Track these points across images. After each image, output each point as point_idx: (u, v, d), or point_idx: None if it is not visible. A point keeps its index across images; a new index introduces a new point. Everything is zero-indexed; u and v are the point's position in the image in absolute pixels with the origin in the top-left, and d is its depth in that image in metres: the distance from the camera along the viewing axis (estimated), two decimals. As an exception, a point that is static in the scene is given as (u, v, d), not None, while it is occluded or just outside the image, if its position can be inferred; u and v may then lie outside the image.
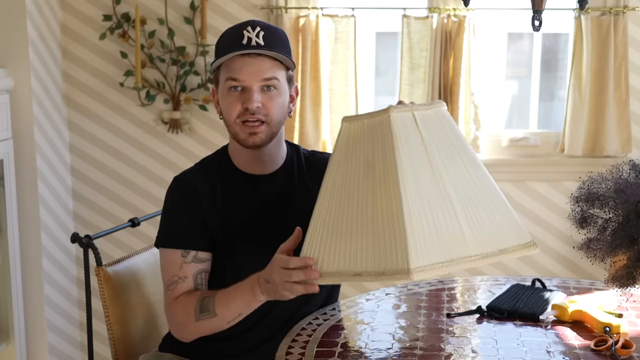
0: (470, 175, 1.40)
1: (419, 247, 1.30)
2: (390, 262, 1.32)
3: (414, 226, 1.31)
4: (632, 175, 1.58)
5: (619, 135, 3.06)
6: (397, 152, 1.35)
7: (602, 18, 3.00)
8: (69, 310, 3.20)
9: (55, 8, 3.09)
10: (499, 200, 1.41)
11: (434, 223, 1.33)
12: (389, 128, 1.37)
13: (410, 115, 1.39)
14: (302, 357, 1.48)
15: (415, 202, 1.33)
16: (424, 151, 1.37)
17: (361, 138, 1.42)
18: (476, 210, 1.38)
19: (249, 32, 1.65)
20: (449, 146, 1.40)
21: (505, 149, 3.20)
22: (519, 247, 1.41)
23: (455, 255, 1.34)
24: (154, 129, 3.18)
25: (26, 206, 2.93)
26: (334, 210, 1.42)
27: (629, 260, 1.53)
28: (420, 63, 3.08)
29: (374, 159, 1.38)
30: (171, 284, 1.68)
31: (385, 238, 1.33)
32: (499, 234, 1.39)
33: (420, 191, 1.34)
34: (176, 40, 3.09)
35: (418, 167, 1.35)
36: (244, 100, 1.65)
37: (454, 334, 1.60)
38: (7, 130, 2.82)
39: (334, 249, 1.41)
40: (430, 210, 1.34)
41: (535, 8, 1.74)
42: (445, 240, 1.34)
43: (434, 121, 1.41)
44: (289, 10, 3.05)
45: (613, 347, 1.47)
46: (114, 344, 1.88)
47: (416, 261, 1.29)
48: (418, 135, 1.38)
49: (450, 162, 1.39)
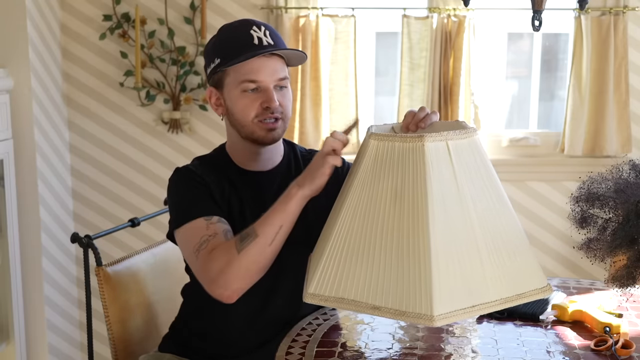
0: (498, 214, 1.37)
1: (443, 293, 1.28)
2: (413, 304, 1.29)
3: (440, 269, 1.28)
4: (632, 175, 1.58)
5: (619, 135, 3.06)
6: (428, 184, 1.30)
7: (602, 18, 3.00)
8: (69, 310, 3.20)
9: (55, 8, 3.09)
10: (522, 242, 1.40)
11: (459, 266, 1.31)
12: (422, 158, 1.31)
13: (444, 145, 1.33)
14: (302, 357, 1.48)
15: (443, 242, 1.29)
16: (455, 186, 1.33)
17: (391, 161, 1.35)
18: (500, 252, 1.35)
19: (256, 31, 1.65)
20: (479, 180, 1.36)
21: (505, 149, 3.21)
22: (535, 292, 1.40)
23: (477, 301, 1.32)
24: (154, 129, 3.18)
25: (26, 206, 2.93)
26: (355, 233, 1.37)
27: (629, 260, 1.53)
28: (420, 63, 3.08)
29: (403, 188, 1.33)
30: (202, 245, 1.57)
31: (410, 276, 1.30)
32: (518, 278, 1.37)
33: (449, 229, 1.31)
34: (176, 40, 3.09)
35: (448, 203, 1.32)
36: (263, 99, 1.65)
37: (454, 334, 1.60)
38: (7, 130, 2.82)
39: (352, 274, 1.36)
40: (456, 251, 1.31)
41: (535, 8, 1.74)
42: (469, 286, 1.32)
43: (467, 152, 1.36)
44: (289, 10, 3.05)
45: (613, 347, 1.47)
46: (114, 344, 1.88)
47: (440, 308, 1.27)
48: (450, 168, 1.33)
49: (480, 198, 1.36)
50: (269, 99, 1.65)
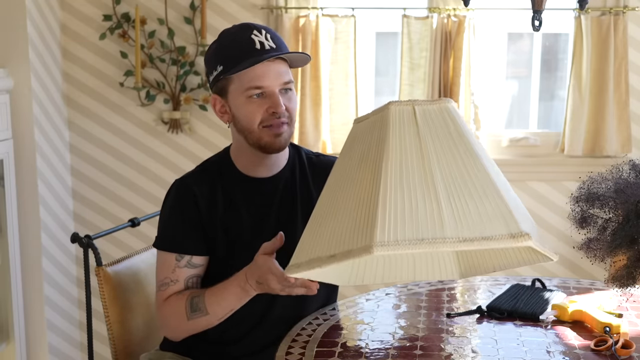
0: (465, 167, 1.35)
1: (386, 224, 1.26)
2: (359, 240, 1.28)
3: (387, 205, 1.28)
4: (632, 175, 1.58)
5: (619, 135, 3.06)
6: (387, 142, 1.34)
7: (602, 18, 3.00)
8: (69, 310, 3.20)
9: (55, 8, 3.09)
10: (494, 191, 1.33)
11: (410, 205, 1.29)
12: (386, 121, 1.37)
13: (410, 108, 1.38)
14: (302, 357, 1.48)
15: (394, 186, 1.30)
16: (417, 140, 1.36)
17: (363, 134, 1.43)
18: (463, 198, 1.31)
19: (257, 35, 1.64)
20: (446, 139, 1.37)
21: (505, 149, 3.21)
22: (504, 237, 1.27)
23: (427, 235, 1.27)
24: (154, 129, 3.18)
25: (26, 206, 2.93)
26: (324, 203, 1.42)
27: (629, 260, 1.53)
28: (420, 63, 3.08)
29: (368, 150, 1.38)
30: (162, 285, 1.71)
31: (361, 217, 1.31)
32: (484, 221, 1.29)
33: (403, 177, 1.32)
34: (176, 40, 3.09)
35: (406, 155, 1.34)
36: (269, 105, 1.64)
37: (454, 334, 1.60)
38: (7, 130, 2.82)
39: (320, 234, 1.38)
40: (408, 191, 1.30)
41: (535, 8, 1.74)
42: (419, 220, 1.28)
43: (435, 115, 1.39)
44: (289, 10, 3.05)
45: (613, 347, 1.47)
46: (114, 344, 1.88)
47: (380, 236, 1.25)
48: (414, 126, 1.37)
49: (445, 153, 1.35)
50: (275, 104, 1.64)
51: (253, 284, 1.57)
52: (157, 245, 1.75)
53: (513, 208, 1.32)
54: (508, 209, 1.31)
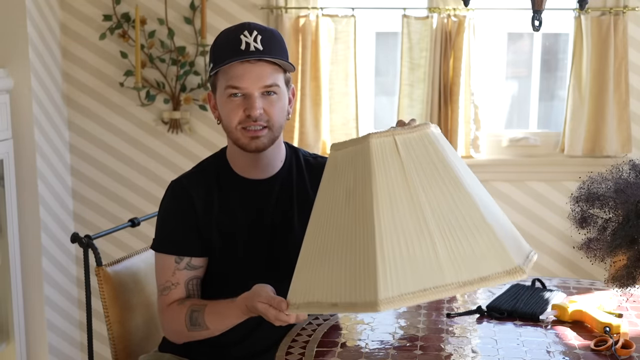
0: (452, 198, 1.33)
1: (388, 278, 1.26)
2: (362, 293, 1.29)
3: (385, 255, 1.27)
4: (632, 175, 1.58)
5: (619, 135, 3.06)
6: (373, 180, 1.32)
7: (602, 18, 3.00)
8: (69, 310, 3.20)
9: (55, 8, 3.09)
10: (482, 225, 1.32)
11: (407, 251, 1.28)
12: (368, 155, 1.34)
13: (390, 140, 1.36)
14: (302, 357, 1.48)
15: (389, 230, 1.29)
16: (402, 176, 1.33)
17: (345, 165, 1.40)
18: (457, 238, 1.30)
19: (247, 36, 1.63)
20: (430, 169, 1.35)
21: (505, 149, 3.20)
22: (501, 274, 1.29)
23: (429, 284, 1.27)
24: (154, 129, 3.18)
25: (26, 206, 2.93)
26: (318, 240, 1.40)
27: (629, 260, 1.53)
28: (420, 63, 3.08)
29: (355, 187, 1.36)
30: (164, 289, 1.71)
31: (359, 267, 1.30)
32: (480, 260, 1.29)
33: (395, 218, 1.30)
34: (176, 40, 3.09)
35: (395, 193, 1.32)
36: (246, 107, 1.64)
37: (454, 334, 1.60)
38: (7, 130, 2.82)
39: (316, 275, 1.39)
40: (404, 237, 1.29)
41: (535, 8, 1.74)
42: (419, 269, 1.28)
43: (417, 144, 1.36)
44: (289, 10, 3.05)
45: (613, 347, 1.47)
46: (114, 344, 1.88)
47: (384, 292, 1.25)
48: (397, 160, 1.34)
49: (431, 185, 1.34)
50: (251, 107, 1.63)
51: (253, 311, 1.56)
52: (155, 248, 1.74)
53: (503, 239, 1.32)
54: (500, 243, 1.31)
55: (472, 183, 1.39)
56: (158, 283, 1.73)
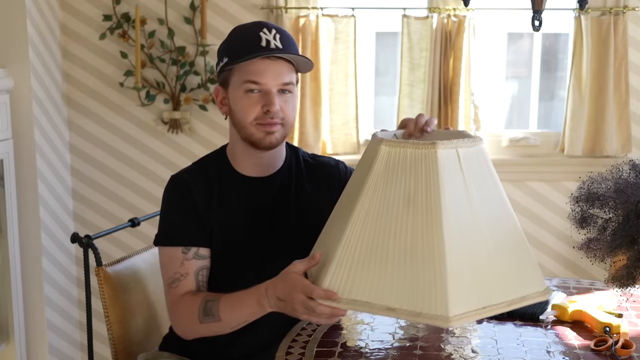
0: (503, 217, 1.41)
1: (458, 294, 1.30)
2: (429, 305, 1.31)
3: (454, 270, 1.30)
4: (632, 175, 1.58)
5: (619, 135, 3.06)
6: (441, 191, 1.33)
7: (602, 18, 3.00)
8: (69, 310, 3.20)
9: (55, 8, 3.09)
10: (524, 245, 1.43)
11: (471, 269, 1.33)
12: (435, 164, 1.34)
13: (454, 152, 1.37)
14: (302, 357, 1.48)
15: (456, 245, 1.32)
16: (465, 191, 1.36)
17: (403, 167, 1.38)
18: (506, 255, 1.39)
19: (266, 33, 1.64)
20: (486, 186, 1.40)
21: (505, 149, 3.21)
22: (536, 295, 1.42)
23: (488, 302, 1.34)
24: (154, 129, 3.18)
25: (26, 206, 2.93)
26: (367, 237, 1.38)
27: (629, 260, 1.53)
28: (420, 63, 3.08)
29: (416, 193, 1.35)
30: (173, 282, 1.68)
31: (425, 278, 1.31)
32: (522, 280, 1.41)
33: (460, 233, 1.33)
34: (176, 40, 3.09)
35: (460, 208, 1.35)
36: (264, 103, 1.64)
37: (454, 334, 1.60)
38: (7, 130, 2.82)
39: (365, 277, 1.37)
40: (468, 253, 1.33)
41: (535, 8, 1.74)
42: (480, 288, 1.34)
43: (475, 159, 1.40)
44: (289, 10, 3.05)
45: (613, 347, 1.47)
46: (114, 344, 1.88)
47: (455, 309, 1.29)
48: (460, 175, 1.37)
49: (487, 203, 1.39)
50: (270, 103, 1.64)
51: (272, 300, 1.51)
52: (160, 242, 1.72)
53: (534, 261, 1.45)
54: (536, 265, 1.44)
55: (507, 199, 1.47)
56: (165, 277, 1.69)
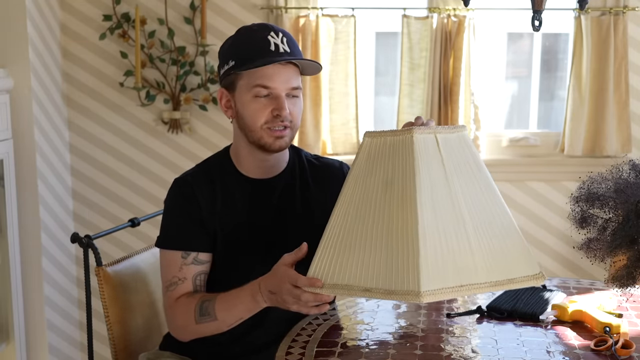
0: (486, 201, 1.41)
1: (430, 271, 1.31)
2: (402, 282, 1.32)
3: (428, 249, 1.32)
4: (632, 175, 1.58)
5: (619, 135, 3.06)
6: (417, 172, 1.35)
7: (602, 18, 3.00)
8: (69, 310, 3.20)
9: (55, 8, 3.09)
10: (512, 228, 1.42)
11: (447, 247, 1.34)
12: (411, 148, 1.37)
13: (432, 137, 1.40)
14: (302, 357, 1.48)
15: (431, 224, 1.33)
16: (443, 173, 1.38)
17: (382, 155, 1.42)
18: (489, 236, 1.39)
19: (274, 37, 1.64)
20: (467, 170, 1.41)
21: (505, 149, 3.21)
22: (527, 278, 1.41)
23: (465, 281, 1.34)
24: (154, 129, 3.18)
25: (26, 206, 2.93)
26: (348, 224, 1.42)
27: (629, 260, 1.53)
28: (420, 63, 3.08)
29: (393, 177, 1.38)
30: (171, 285, 1.69)
31: (399, 257, 1.34)
32: (509, 262, 1.40)
33: (437, 213, 1.35)
34: (176, 40, 3.09)
35: (436, 189, 1.36)
36: (275, 107, 1.65)
37: (454, 334, 1.60)
38: (7, 130, 2.82)
39: (346, 261, 1.41)
40: (444, 233, 1.35)
41: (535, 8, 1.74)
42: (457, 266, 1.34)
43: (456, 145, 1.42)
44: (289, 10, 3.05)
45: (613, 347, 1.47)
46: (114, 344, 1.88)
47: (427, 284, 1.30)
48: (439, 158, 1.39)
49: (468, 186, 1.40)
50: (280, 107, 1.64)
51: (265, 295, 1.54)
52: (161, 245, 1.73)
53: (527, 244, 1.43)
54: (527, 247, 1.43)
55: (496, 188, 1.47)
56: (164, 279, 1.72)
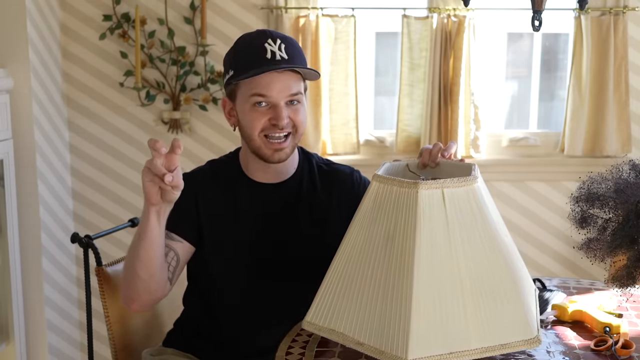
0: (489, 263, 1.36)
1: (420, 338, 1.29)
2: (391, 345, 1.31)
3: (420, 313, 1.29)
4: (632, 175, 1.58)
5: (619, 135, 3.06)
6: (417, 231, 1.32)
7: (602, 18, 3.00)
8: (69, 310, 3.20)
9: (55, 8, 3.09)
10: (513, 291, 1.38)
11: (440, 313, 1.31)
12: (415, 204, 1.33)
13: (439, 192, 1.35)
14: (302, 357, 1.48)
15: (426, 289, 1.31)
16: (446, 233, 1.34)
17: (388, 204, 1.38)
18: (487, 301, 1.35)
19: (271, 45, 1.62)
20: (472, 229, 1.36)
21: (505, 149, 3.21)
22: (521, 343, 1.37)
23: (456, 348, 1.32)
24: (154, 129, 3.18)
25: (26, 206, 2.93)
26: (349, 271, 1.40)
27: (629, 260, 1.53)
28: (420, 63, 3.08)
29: (395, 231, 1.35)
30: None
31: (391, 318, 1.32)
32: (504, 328, 1.36)
33: (433, 276, 1.32)
34: (176, 40, 3.09)
35: (436, 250, 1.33)
36: (272, 116, 1.63)
37: (454, 334, 1.60)
38: (7, 130, 2.82)
39: (344, 306, 1.40)
40: (439, 298, 1.31)
41: (535, 8, 1.74)
42: (448, 333, 1.32)
43: (463, 200, 1.36)
44: (289, 10, 3.05)
45: (613, 347, 1.47)
46: (114, 344, 1.88)
47: (415, 352, 1.28)
48: (443, 216, 1.34)
49: (471, 247, 1.35)
50: (278, 117, 1.62)
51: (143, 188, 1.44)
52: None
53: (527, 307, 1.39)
54: (524, 313, 1.38)
55: (506, 241, 1.42)
56: None
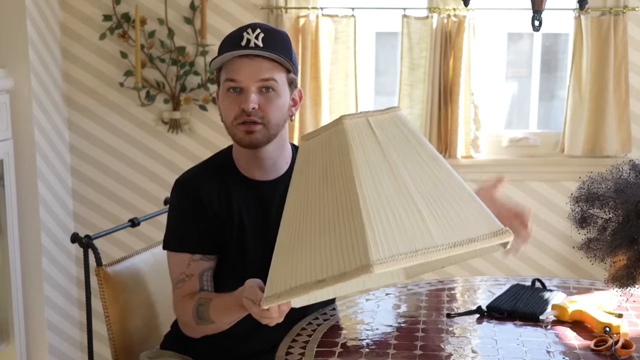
0: (433, 172, 1.37)
1: (378, 241, 1.26)
2: (351, 261, 1.27)
3: (373, 222, 1.27)
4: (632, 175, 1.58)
5: (619, 135, 3.06)
6: (352, 154, 1.34)
7: (602, 18, 3.00)
8: (69, 310, 3.20)
9: (55, 8, 3.09)
10: (466, 194, 1.36)
11: (394, 218, 1.29)
12: (344, 134, 1.36)
13: (364, 120, 1.39)
14: (302, 357, 1.48)
15: (374, 200, 1.30)
16: (380, 151, 1.36)
17: (318, 150, 1.41)
18: (441, 204, 1.33)
19: (249, 33, 1.64)
20: (407, 146, 1.38)
21: (505, 149, 3.21)
22: (490, 235, 1.31)
23: (420, 246, 1.28)
24: (154, 129, 3.18)
25: (26, 206, 2.93)
26: (295, 225, 1.38)
27: (629, 260, 1.53)
28: (420, 63, 3.08)
29: (331, 165, 1.37)
30: (178, 282, 1.69)
31: (346, 239, 1.29)
32: (466, 223, 1.32)
33: (379, 189, 1.31)
34: (176, 40, 3.09)
35: (375, 166, 1.34)
36: (241, 101, 1.64)
37: (454, 334, 1.60)
38: (7, 130, 2.82)
39: (298, 262, 1.35)
40: (390, 206, 1.30)
41: (535, 8, 1.74)
42: (408, 234, 1.28)
43: (390, 124, 1.40)
44: (289, 10, 3.05)
45: (613, 347, 1.47)
46: (114, 344, 1.88)
47: (376, 254, 1.24)
48: (373, 137, 1.37)
49: (410, 160, 1.37)
50: (245, 101, 1.63)
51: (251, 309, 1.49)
52: (168, 247, 1.73)
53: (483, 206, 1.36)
54: (483, 208, 1.36)
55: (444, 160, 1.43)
56: (172, 277, 1.72)
